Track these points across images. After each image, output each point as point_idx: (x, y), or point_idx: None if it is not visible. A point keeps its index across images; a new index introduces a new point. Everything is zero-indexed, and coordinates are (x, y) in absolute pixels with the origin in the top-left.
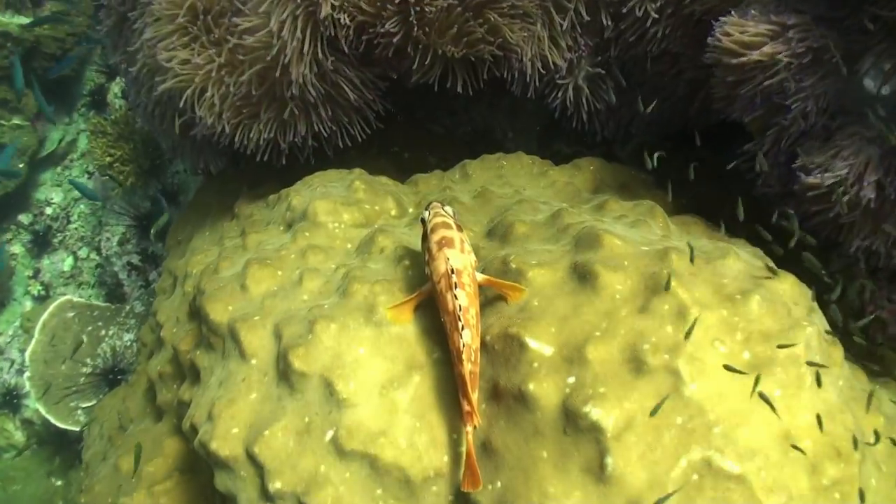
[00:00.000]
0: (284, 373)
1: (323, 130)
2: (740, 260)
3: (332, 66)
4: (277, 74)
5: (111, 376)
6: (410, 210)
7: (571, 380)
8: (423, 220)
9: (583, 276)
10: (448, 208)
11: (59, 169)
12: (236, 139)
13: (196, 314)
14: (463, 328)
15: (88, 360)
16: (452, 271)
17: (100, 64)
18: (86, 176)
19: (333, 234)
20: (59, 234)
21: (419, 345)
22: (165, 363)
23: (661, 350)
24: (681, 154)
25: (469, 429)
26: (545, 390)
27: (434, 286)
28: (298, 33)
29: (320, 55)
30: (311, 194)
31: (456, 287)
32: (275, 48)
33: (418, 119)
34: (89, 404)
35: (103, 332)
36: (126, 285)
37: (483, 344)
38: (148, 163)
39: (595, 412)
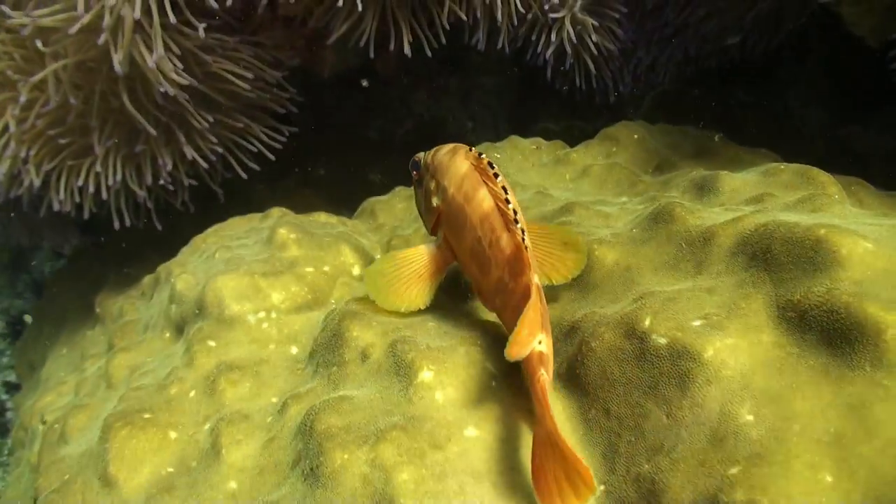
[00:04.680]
0: None
1: (205, 156)
2: None
3: (200, 44)
4: (106, 70)
5: None
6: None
7: None
8: (414, 166)
9: (835, 335)
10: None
11: None
12: (59, 197)
13: None
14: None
15: None
16: (508, 201)
17: None
18: None
19: (261, 334)
20: None
21: None
22: None
23: None
24: (719, 100)
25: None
26: None
27: (460, 244)
28: None
29: (174, 22)
30: (208, 268)
31: (518, 226)
32: (97, 22)
33: (342, 126)
34: None
35: None
36: (10, 409)
37: None
38: (7, 255)
39: None
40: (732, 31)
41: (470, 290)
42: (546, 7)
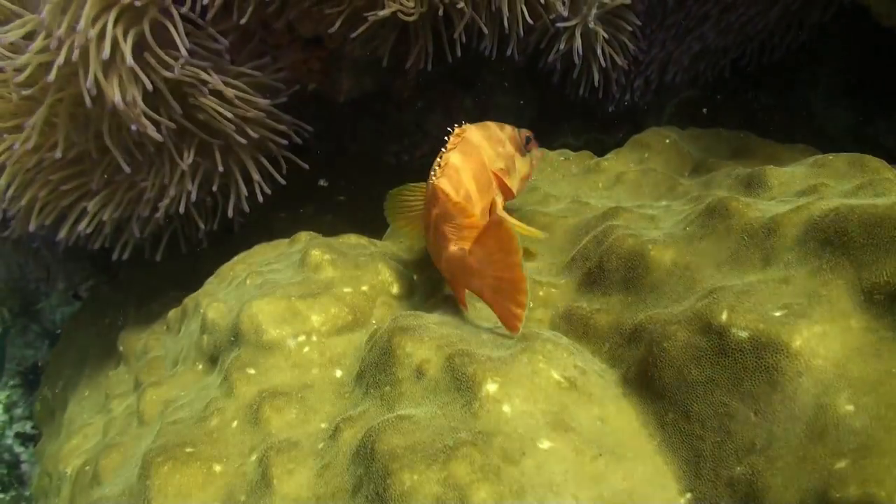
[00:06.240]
0: None
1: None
2: None
3: (187, 73)
4: (90, 104)
5: None
6: (416, 278)
7: None
8: None
9: None
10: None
11: None
12: (62, 233)
13: None
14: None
15: None
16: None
17: None
18: None
19: (302, 359)
20: None
21: None
22: None
23: None
24: (741, 104)
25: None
26: None
27: None
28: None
29: (156, 51)
30: (240, 294)
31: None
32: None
33: (359, 152)
34: None
35: None
36: (24, 461)
37: None
38: (18, 303)
39: None
40: (756, 25)
41: None
42: (552, 17)
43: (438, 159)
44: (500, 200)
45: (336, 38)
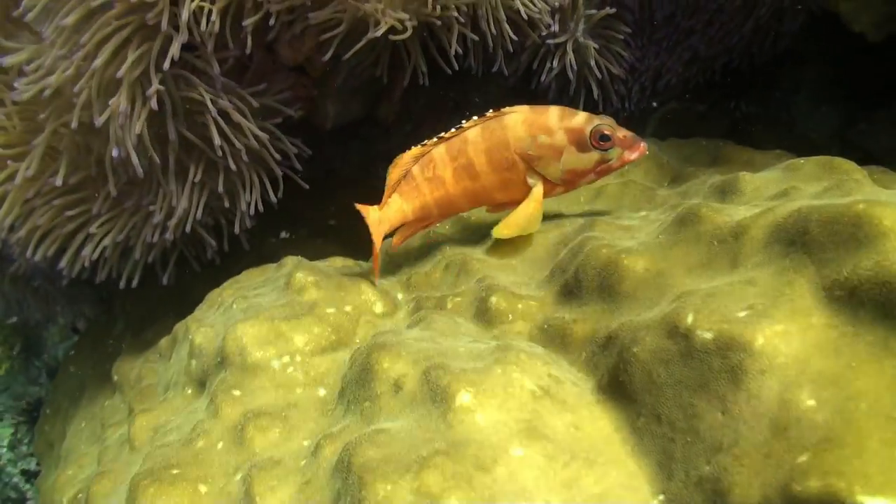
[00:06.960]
0: None
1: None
2: None
3: (198, 93)
4: (75, 124)
5: None
6: (400, 296)
7: None
8: None
9: (891, 307)
10: None
11: None
12: (62, 263)
13: None
14: None
15: None
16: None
17: None
18: None
19: (286, 379)
20: None
21: None
22: None
23: None
24: (724, 114)
25: None
26: None
27: None
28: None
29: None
30: (226, 319)
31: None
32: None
33: (348, 177)
34: None
35: None
36: (30, 499)
37: None
38: (20, 340)
39: None
40: (733, 38)
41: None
42: (543, 34)
43: (453, 129)
44: (533, 182)
45: (320, 66)
